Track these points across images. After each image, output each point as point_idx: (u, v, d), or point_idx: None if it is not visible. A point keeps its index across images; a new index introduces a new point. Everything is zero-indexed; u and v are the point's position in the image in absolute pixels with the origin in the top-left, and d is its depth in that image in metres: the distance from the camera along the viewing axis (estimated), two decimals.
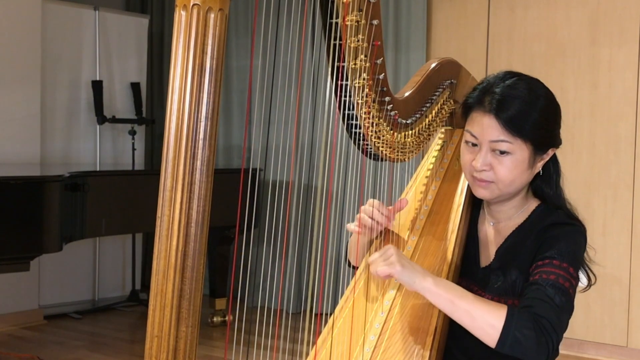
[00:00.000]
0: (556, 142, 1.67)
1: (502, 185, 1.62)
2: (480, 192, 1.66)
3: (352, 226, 1.78)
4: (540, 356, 1.45)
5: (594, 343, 4.30)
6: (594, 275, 1.69)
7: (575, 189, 4.28)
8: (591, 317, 4.29)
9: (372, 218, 1.74)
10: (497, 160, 1.60)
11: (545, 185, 1.69)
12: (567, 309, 1.51)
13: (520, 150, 1.59)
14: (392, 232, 1.81)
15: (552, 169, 1.70)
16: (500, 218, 1.72)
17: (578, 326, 4.27)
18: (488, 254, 1.72)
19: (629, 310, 4.22)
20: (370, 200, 1.75)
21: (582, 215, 1.70)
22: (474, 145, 1.63)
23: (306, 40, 1.65)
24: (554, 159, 1.70)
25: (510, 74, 1.66)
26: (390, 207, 1.76)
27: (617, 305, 4.24)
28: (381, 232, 1.80)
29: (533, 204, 1.70)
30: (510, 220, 1.70)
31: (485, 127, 1.59)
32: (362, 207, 1.76)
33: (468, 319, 1.47)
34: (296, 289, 5.13)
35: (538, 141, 1.60)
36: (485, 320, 1.45)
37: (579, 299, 1.77)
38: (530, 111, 1.59)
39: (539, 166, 1.65)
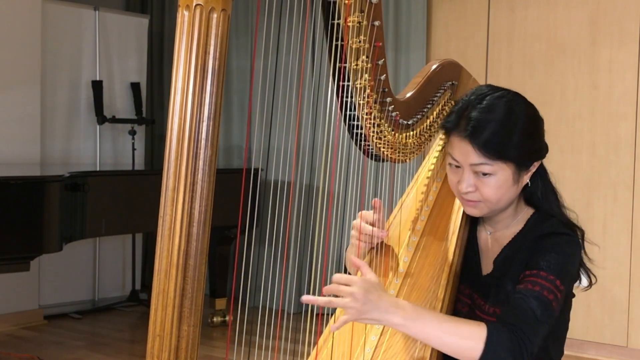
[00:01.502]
0: (540, 154, 1.65)
1: (489, 204, 1.62)
2: (470, 211, 1.67)
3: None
4: None
5: (594, 343, 4.30)
6: (594, 276, 1.70)
7: (575, 189, 4.28)
8: (591, 317, 4.29)
9: (370, 235, 1.73)
10: (480, 181, 1.59)
11: (535, 194, 1.68)
12: (547, 322, 1.51)
13: (501, 171, 1.58)
14: (392, 235, 1.81)
15: (540, 179, 1.68)
16: (497, 227, 1.72)
17: (578, 326, 4.27)
18: (488, 262, 1.72)
19: (629, 310, 4.22)
20: (365, 214, 1.73)
21: (582, 216, 1.70)
22: (457, 166, 1.62)
23: (308, 41, 1.66)
24: (541, 168, 1.68)
25: (488, 92, 1.62)
26: (372, 213, 1.74)
27: (617, 305, 4.24)
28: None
29: (528, 212, 1.70)
30: (507, 229, 1.70)
31: (464, 152, 1.58)
32: (360, 226, 1.73)
33: (445, 347, 1.47)
34: (297, 289, 5.13)
35: (519, 160, 1.59)
36: (466, 344, 1.45)
37: (579, 299, 1.77)
38: (508, 133, 1.57)
39: (525, 179, 1.64)
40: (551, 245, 1.58)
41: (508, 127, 1.57)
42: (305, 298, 1.42)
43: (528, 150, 1.60)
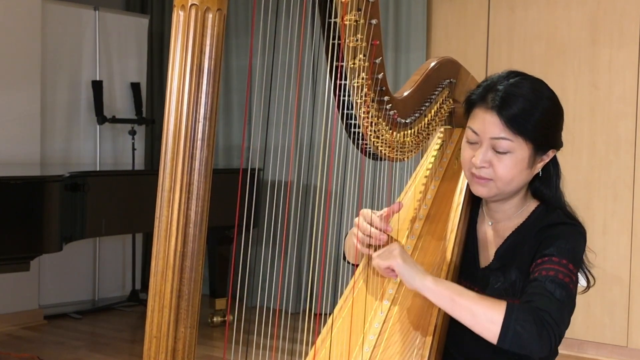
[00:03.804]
0: (557, 144, 1.67)
1: (500, 183, 1.61)
2: (478, 190, 1.65)
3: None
4: (542, 350, 1.44)
5: (594, 343, 4.30)
6: (593, 277, 1.69)
7: (576, 189, 4.27)
8: (591, 317, 4.28)
9: (369, 236, 1.70)
10: (496, 157, 1.59)
11: (545, 186, 1.68)
12: (568, 303, 1.50)
13: (520, 149, 1.59)
14: (390, 235, 1.80)
15: (552, 171, 1.69)
16: (499, 218, 1.71)
17: (578, 326, 4.27)
18: (487, 254, 1.71)
19: (629, 310, 4.21)
20: (365, 212, 1.70)
21: (582, 216, 1.70)
22: (475, 142, 1.62)
23: (305, 39, 1.65)
24: (554, 161, 1.69)
25: (514, 74, 1.66)
26: (384, 212, 1.72)
27: (617, 305, 4.24)
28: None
29: (532, 204, 1.70)
30: (510, 221, 1.70)
31: (487, 123, 1.59)
32: (359, 224, 1.69)
33: (468, 316, 1.47)
34: (295, 289, 5.12)
35: (539, 141, 1.60)
36: (486, 316, 1.45)
37: (579, 300, 1.77)
38: (532, 111, 1.58)
39: (538, 167, 1.64)
40: (558, 233, 1.59)
41: (532, 105, 1.59)
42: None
43: (547, 133, 1.62)
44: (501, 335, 1.43)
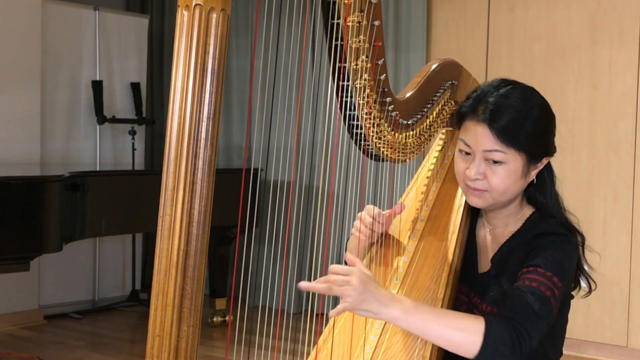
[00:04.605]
0: (550, 151, 1.66)
1: (495, 194, 1.62)
2: (473, 201, 1.66)
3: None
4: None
5: (594, 343, 4.30)
6: (594, 282, 1.70)
7: (576, 189, 4.28)
8: (591, 317, 4.29)
9: (371, 229, 1.72)
10: (490, 169, 1.60)
11: (539, 193, 1.68)
12: (545, 317, 1.50)
13: (513, 160, 1.59)
14: (392, 235, 1.81)
15: (547, 177, 1.69)
16: (496, 225, 1.72)
17: (578, 326, 4.27)
18: (486, 260, 1.72)
19: (629, 311, 4.22)
20: (369, 207, 1.73)
21: (582, 216, 1.70)
22: (468, 153, 1.62)
23: (307, 40, 1.66)
24: (548, 167, 1.69)
25: (505, 83, 1.65)
26: (387, 212, 1.75)
27: (617, 305, 4.24)
28: (381, 234, 1.80)
29: (528, 211, 1.70)
30: (506, 228, 1.70)
31: (478, 136, 1.59)
32: (361, 216, 1.73)
33: (446, 343, 1.45)
34: (297, 289, 5.12)
35: (532, 151, 1.60)
36: (464, 339, 1.44)
37: (579, 300, 1.77)
38: (523, 121, 1.58)
39: (533, 174, 1.64)
40: (548, 243, 1.58)
41: (522, 115, 1.58)
42: (304, 285, 1.40)
43: (540, 142, 1.61)
44: (480, 353, 1.43)
